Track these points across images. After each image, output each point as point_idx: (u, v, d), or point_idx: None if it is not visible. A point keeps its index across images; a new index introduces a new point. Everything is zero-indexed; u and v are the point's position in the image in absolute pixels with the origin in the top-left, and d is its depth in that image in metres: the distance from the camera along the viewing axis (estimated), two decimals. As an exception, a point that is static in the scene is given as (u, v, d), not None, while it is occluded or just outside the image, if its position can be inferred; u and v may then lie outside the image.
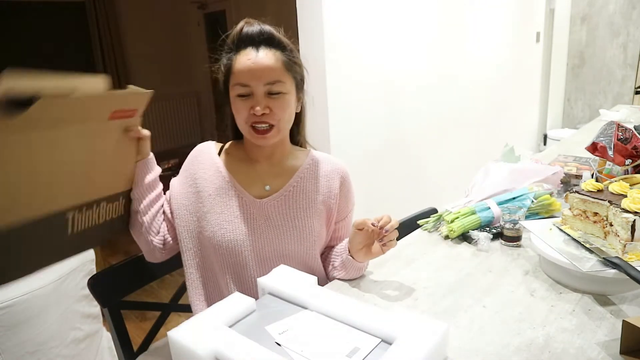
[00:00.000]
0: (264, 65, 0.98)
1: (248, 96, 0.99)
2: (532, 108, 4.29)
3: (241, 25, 1.01)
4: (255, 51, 0.99)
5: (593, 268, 0.93)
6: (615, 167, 1.44)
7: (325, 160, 1.17)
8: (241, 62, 0.99)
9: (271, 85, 0.98)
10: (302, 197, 1.10)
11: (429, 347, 0.71)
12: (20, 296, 1.40)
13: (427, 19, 2.51)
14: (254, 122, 1.00)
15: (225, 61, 1.02)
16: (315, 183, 1.12)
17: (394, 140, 2.41)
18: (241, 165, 1.10)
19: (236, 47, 1.01)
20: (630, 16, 4.10)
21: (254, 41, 1.00)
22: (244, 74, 0.98)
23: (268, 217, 1.07)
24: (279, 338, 0.79)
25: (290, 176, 1.10)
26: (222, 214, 1.05)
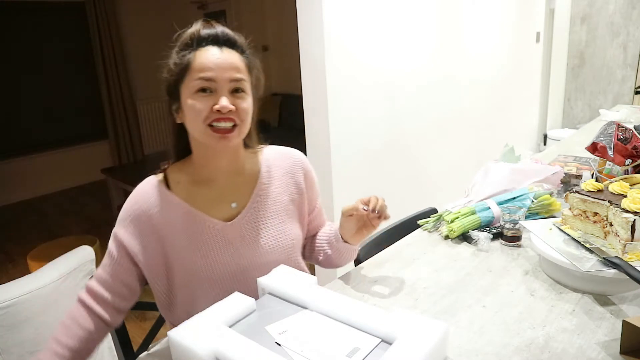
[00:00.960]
0: (229, 62, 0.94)
1: (210, 93, 0.93)
2: (532, 108, 4.29)
3: (199, 25, 0.96)
4: (219, 48, 0.94)
5: (593, 268, 0.93)
6: (615, 167, 1.44)
7: (280, 155, 1.12)
8: (204, 56, 0.93)
9: (236, 82, 0.94)
10: (270, 203, 1.06)
11: (429, 347, 0.71)
12: (20, 296, 1.40)
13: (427, 19, 2.51)
14: (215, 121, 0.93)
15: (179, 58, 0.94)
16: (280, 184, 1.08)
17: (394, 140, 2.41)
18: (199, 189, 1.02)
19: (196, 44, 0.94)
20: (630, 16, 4.10)
21: (217, 41, 0.95)
22: (208, 68, 0.92)
23: (243, 236, 1.02)
24: (279, 338, 0.79)
25: (253, 185, 1.05)
26: (194, 251, 0.98)
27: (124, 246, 0.99)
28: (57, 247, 2.64)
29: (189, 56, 0.94)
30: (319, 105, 2.01)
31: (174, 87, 0.96)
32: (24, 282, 1.46)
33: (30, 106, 4.83)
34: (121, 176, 4.09)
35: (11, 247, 3.70)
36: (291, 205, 1.09)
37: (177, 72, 0.94)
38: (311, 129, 2.09)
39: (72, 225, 4.09)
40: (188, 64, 0.93)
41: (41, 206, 4.69)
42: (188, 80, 0.93)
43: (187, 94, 0.93)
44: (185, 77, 0.94)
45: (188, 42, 0.95)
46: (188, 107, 0.94)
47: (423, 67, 2.54)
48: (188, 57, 0.93)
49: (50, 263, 1.59)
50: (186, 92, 0.94)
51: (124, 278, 1.01)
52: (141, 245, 0.99)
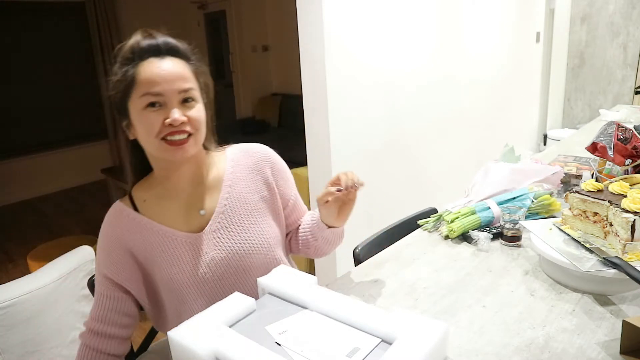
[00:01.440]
0: (175, 72, 0.90)
1: (160, 107, 0.89)
2: (532, 108, 4.29)
3: (139, 37, 0.92)
4: (162, 60, 0.91)
5: (593, 268, 0.93)
6: (615, 167, 1.44)
7: (244, 154, 1.09)
8: (148, 70, 0.89)
9: (185, 92, 0.91)
10: (239, 205, 1.04)
11: (429, 347, 0.71)
12: (20, 296, 1.40)
13: (427, 19, 2.51)
14: (169, 134, 0.90)
15: (122, 74, 0.90)
16: (247, 184, 1.06)
17: (394, 141, 2.41)
18: (166, 204, 1.00)
19: (138, 57, 0.90)
20: (630, 16, 4.10)
21: (159, 51, 0.91)
22: (154, 82, 0.88)
23: (216, 244, 1.01)
24: (279, 338, 0.79)
25: (218, 189, 1.03)
26: (171, 268, 0.98)
27: (110, 279, 0.99)
28: (57, 247, 2.64)
29: (132, 71, 0.89)
30: (319, 105, 2.01)
31: (121, 104, 0.92)
32: (24, 282, 1.46)
33: (30, 106, 4.83)
34: (121, 176, 4.08)
35: (11, 247, 3.70)
36: (262, 204, 1.07)
37: (122, 89, 0.90)
38: (311, 129, 2.09)
39: (72, 225, 4.09)
40: (132, 79, 0.89)
41: (41, 206, 4.69)
42: (135, 96, 0.90)
43: (136, 110, 0.90)
44: (132, 94, 0.90)
45: (129, 56, 0.91)
46: (139, 123, 0.91)
47: (423, 67, 2.55)
48: (131, 72, 0.89)
49: (50, 263, 1.59)
50: (134, 108, 0.91)
51: (122, 308, 1.01)
52: (124, 272, 0.99)
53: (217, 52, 6.15)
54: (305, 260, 2.43)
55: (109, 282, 1.00)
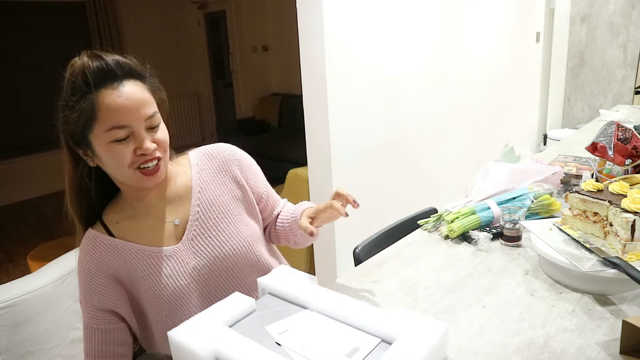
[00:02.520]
0: (136, 100, 0.86)
1: (127, 138, 0.86)
2: (532, 108, 4.29)
3: (87, 61, 0.84)
4: (120, 87, 0.85)
5: (593, 268, 0.93)
6: (615, 167, 1.44)
7: (208, 156, 1.07)
8: (110, 101, 0.83)
9: (150, 119, 0.88)
10: (213, 209, 1.03)
11: (429, 347, 0.71)
12: (20, 296, 1.40)
13: (427, 19, 2.51)
14: (142, 163, 0.88)
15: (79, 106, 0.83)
16: (216, 186, 1.05)
17: (394, 141, 2.41)
18: (139, 223, 0.98)
19: (94, 85, 0.83)
20: (630, 16, 4.10)
21: (115, 76, 0.85)
22: (119, 115, 0.84)
23: (195, 252, 1.00)
24: (279, 338, 0.79)
25: (188, 198, 1.02)
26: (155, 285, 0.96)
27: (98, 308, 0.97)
28: (57, 247, 2.64)
29: (90, 102, 0.83)
30: (319, 105, 2.01)
31: (80, 136, 0.87)
32: (24, 282, 1.46)
33: (31, 106, 4.83)
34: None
35: (11, 247, 3.70)
36: (235, 203, 1.06)
37: (82, 123, 0.84)
38: (311, 129, 2.09)
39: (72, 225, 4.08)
40: (92, 112, 0.83)
41: (41, 206, 4.69)
42: (98, 130, 0.85)
43: (101, 143, 0.86)
44: (93, 127, 0.85)
45: (82, 83, 0.83)
46: (106, 155, 0.87)
47: (423, 66, 2.55)
48: (89, 104, 0.83)
49: (50, 263, 1.59)
50: (99, 141, 0.86)
51: (116, 339, 0.99)
52: (110, 297, 0.97)
53: (217, 52, 6.15)
54: (305, 260, 2.43)
55: (98, 312, 0.97)
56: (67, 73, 0.85)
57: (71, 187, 0.95)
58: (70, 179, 0.95)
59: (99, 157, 0.89)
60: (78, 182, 0.95)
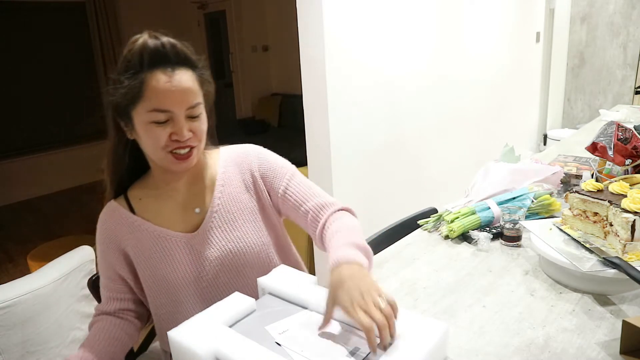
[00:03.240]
0: (183, 88, 0.89)
1: (166, 122, 0.89)
2: (532, 108, 4.29)
3: (145, 41, 0.87)
4: (171, 72, 0.88)
5: (593, 268, 0.93)
6: (615, 167, 1.44)
7: (234, 154, 1.09)
8: (156, 84, 0.87)
9: (192, 109, 0.90)
10: (232, 204, 1.04)
11: (429, 347, 0.71)
12: (20, 296, 1.40)
13: (427, 19, 2.51)
14: (175, 148, 0.91)
15: (128, 82, 0.87)
16: (238, 184, 1.06)
17: (394, 140, 2.41)
18: (162, 204, 1.01)
19: (146, 66, 0.87)
20: (630, 16, 4.10)
21: (168, 61, 0.88)
22: (163, 99, 0.87)
23: (209, 243, 1.01)
24: (279, 338, 0.79)
25: (212, 189, 1.04)
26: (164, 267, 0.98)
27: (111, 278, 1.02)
28: (57, 247, 2.64)
29: (139, 81, 0.87)
30: (319, 105, 2.01)
31: (124, 111, 0.91)
32: (24, 282, 1.46)
33: (31, 106, 4.83)
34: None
35: (11, 247, 3.70)
36: (253, 203, 1.07)
37: (128, 98, 0.88)
38: (311, 129, 2.09)
39: (72, 225, 4.09)
40: (139, 91, 0.87)
41: (41, 206, 4.69)
42: (140, 108, 0.88)
43: (141, 121, 0.89)
44: (137, 105, 0.88)
45: (136, 61, 0.87)
46: (144, 134, 0.91)
47: (423, 66, 2.55)
48: (138, 82, 0.87)
49: (50, 263, 1.59)
50: (139, 118, 0.89)
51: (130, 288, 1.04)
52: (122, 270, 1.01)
53: (217, 52, 6.15)
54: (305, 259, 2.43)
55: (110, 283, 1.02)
56: (126, 49, 0.89)
57: (110, 155, 1.00)
58: (110, 148, 0.99)
59: (136, 132, 0.92)
60: (116, 151, 0.99)
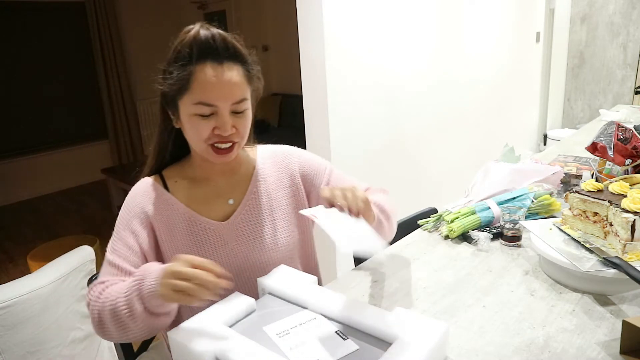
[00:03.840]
0: (230, 83, 0.89)
1: (210, 115, 0.90)
2: (532, 108, 4.29)
3: (197, 32, 0.88)
4: (219, 66, 0.88)
5: (593, 268, 0.93)
6: (615, 167, 1.44)
7: (272, 153, 1.12)
8: (204, 78, 0.87)
9: (237, 104, 0.91)
10: (265, 200, 1.05)
11: (429, 347, 0.71)
12: (20, 296, 1.40)
13: (427, 19, 2.51)
14: (217, 142, 0.92)
15: (177, 72, 0.88)
16: (274, 181, 1.08)
17: (394, 141, 2.41)
18: (196, 189, 1.02)
19: (196, 58, 0.87)
20: (630, 16, 4.10)
21: (218, 55, 0.88)
22: (209, 93, 0.88)
23: (239, 235, 1.01)
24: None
25: (247, 182, 1.06)
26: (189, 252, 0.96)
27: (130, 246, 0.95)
28: (57, 247, 2.65)
29: (188, 72, 0.88)
30: (319, 105, 2.01)
31: (172, 100, 0.92)
32: (24, 282, 1.46)
33: (30, 106, 4.83)
34: (121, 176, 4.09)
35: (11, 247, 3.70)
36: (287, 202, 1.08)
37: (176, 89, 0.90)
38: (311, 129, 2.09)
39: (72, 225, 4.09)
40: (187, 82, 0.88)
41: (41, 206, 4.69)
42: (187, 99, 0.89)
43: (186, 111, 0.91)
44: (184, 95, 0.89)
45: (185, 54, 0.88)
46: (187, 124, 0.92)
47: (423, 66, 2.55)
48: (187, 74, 0.88)
49: (50, 263, 1.59)
50: (185, 109, 0.91)
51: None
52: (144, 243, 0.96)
53: (217, 52, 6.14)
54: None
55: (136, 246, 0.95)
56: (178, 39, 0.90)
57: (156, 139, 1.02)
58: (157, 133, 1.02)
59: (181, 122, 0.94)
60: (162, 136, 1.01)
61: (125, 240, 0.95)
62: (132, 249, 0.95)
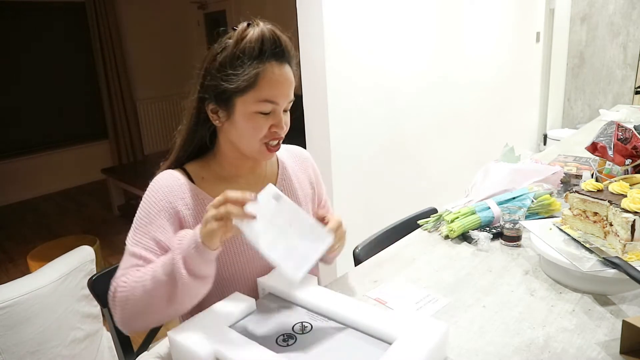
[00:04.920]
0: (290, 83, 0.94)
1: (269, 113, 0.92)
2: (532, 108, 4.29)
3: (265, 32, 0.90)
4: (283, 66, 0.92)
5: (593, 268, 0.93)
6: (615, 167, 1.44)
7: (291, 153, 1.15)
8: (272, 78, 0.90)
9: (290, 102, 0.96)
10: (291, 198, 1.07)
11: (429, 347, 0.71)
12: (20, 296, 1.40)
13: (427, 19, 2.51)
14: (271, 139, 0.95)
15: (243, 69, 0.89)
16: (295, 180, 1.11)
17: (394, 141, 2.41)
18: (226, 185, 1.01)
19: (265, 57, 0.89)
20: (630, 16, 4.10)
21: (283, 55, 0.92)
22: (275, 91, 0.91)
23: None
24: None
25: (272, 180, 1.08)
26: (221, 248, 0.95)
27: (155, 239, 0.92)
28: (57, 247, 2.64)
29: (257, 70, 0.88)
30: (319, 105, 2.01)
31: (228, 96, 0.91)
32: (24, 282, 1.46)
33: (30, 106, 4.82)
34: (121, 176, 4.09)
35: (11, 247, 3.70)
36: (306, 200, 1.12)
37: (242, 86, 0.89)
38: (311, 129, 2.09)
39: (72, 225, 4.08)
40: (254, 80, 0.89)
41: (41, 206, 4.69)
42: (251, 97, 0.90)
43: (246, 109, 0.91)
44: (248, 92, 0.90)
45: (256, 51, 0.89)
46: (245, 122, 0.92)
47: (423, 67, 2.55)
48: (256, 72, 0.88)
49: (50, 263, 1.59)
50: (245, 107, 0.91)
51: None
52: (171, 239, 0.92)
53: (217, 52, 6.14)
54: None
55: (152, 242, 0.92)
56: (235, 36, 0.90)
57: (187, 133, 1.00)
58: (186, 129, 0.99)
59: (234, 120, 0.93)
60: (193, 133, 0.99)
61: (152, 234, 0.92)
62: (159, 242, 0.92)
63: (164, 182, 0.96)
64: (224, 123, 0.95)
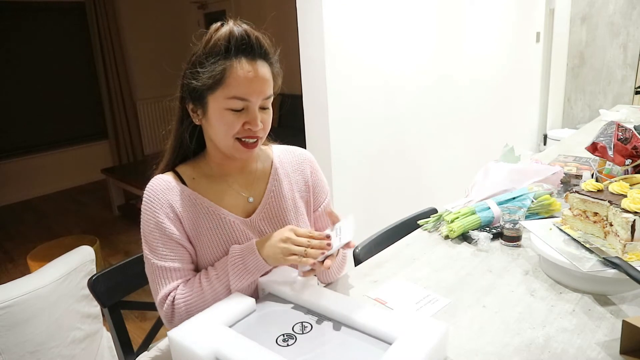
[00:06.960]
0: (263, 79, 0.92)
1: (241, 110, 0.92)
2: (532, 108, 4.29)
3: (232, 29, 0.90)
4: (254, 62, 0.91)
5: (593, 268, 0.93)
6: (615, 167, 1.44)
7: (289, 153, 1.14)
8: (241, 73, 0.89)
9: (266, 100, 0.94)
10: (282, 199, 1.07)
11: (429, 347, 0.71)
12: (20, 296, 1.40)
13: (427, 19, 2.51)
14: (245, 137, 0.94)
15: (211, 66, 0.90)
16: (290, 181, 1.10)
17: (394, 141, 2.41)
18: (216, 186, 1.02)
19: (233, 53, 0.90)
20: (630, 16, 4.10)
21: (252, 51, 0.91)
22: (244, 88, 0.90)
23: (260, 232, 1.03)
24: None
25: (265, 181, 1.07)
26: (217, 247, 0.98)
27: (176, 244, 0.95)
28: (57, 247, 2.64)
29: (223, 67, 0.89)
30: (319, 105, 2.01)
31: (200, 94, 0.93)
32: (24, 282, 1.46)
33: (30, 106, 4.82)
34: (121, 176, 4.09)
35: (11, 247, 3.70)
36: (301, 202, 1.11)
37: (209, 83, 0.90)
38: (311, 129, 2.09)
39: (72, 225, 4.08)
40: (222, 77, 0.89)
41: (41, 206, 4.69)
42: (220, 94, 0.91)
43: (217, 107, 0.92)
44: (217, 90, 0.91)
45: (222, 48, 0.90)
46: (217, 120, 0.93)
47: (423, 67, 2.54)
48: (222, 69, 0.89)
49: (50, 263, 1.59)
50: (216, 104, 0.92)
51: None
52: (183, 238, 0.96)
53: (217, 52, 6.13)
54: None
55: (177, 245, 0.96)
56: (207, 35, 0.92)
57: (174, 135, 1.03)
58: (175, 130, 1.02)
59: (208, 117, 0.94)
60: (182, 135, 1.02)
61: (168, 245, 0.95)
62: (178, 242, 0.96)
63: (155, 187, 0.98)
64: (202, 121, 0.97)
